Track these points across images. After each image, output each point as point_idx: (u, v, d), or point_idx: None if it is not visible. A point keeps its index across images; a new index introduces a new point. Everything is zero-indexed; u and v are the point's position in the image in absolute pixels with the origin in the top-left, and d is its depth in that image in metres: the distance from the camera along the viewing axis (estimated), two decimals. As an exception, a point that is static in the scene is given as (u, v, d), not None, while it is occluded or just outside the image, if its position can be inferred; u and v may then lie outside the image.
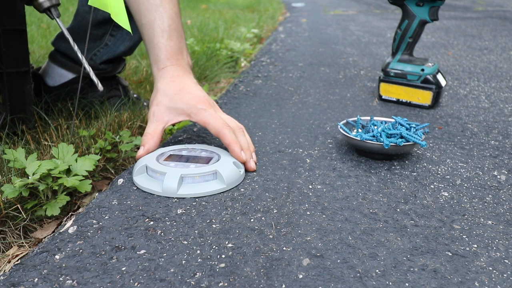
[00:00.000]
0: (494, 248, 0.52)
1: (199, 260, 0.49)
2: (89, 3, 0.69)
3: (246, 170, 0.70)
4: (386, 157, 0.75)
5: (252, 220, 0.57)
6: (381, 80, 1.08)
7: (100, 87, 0.68)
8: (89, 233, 0.53)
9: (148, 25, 0.76)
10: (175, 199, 0.62)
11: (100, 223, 0.55)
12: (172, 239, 0.52)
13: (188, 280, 0.45)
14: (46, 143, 0.78)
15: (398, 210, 0.60)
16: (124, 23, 0.67)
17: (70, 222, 0.56)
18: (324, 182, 0.67)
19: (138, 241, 0.52)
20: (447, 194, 0.64)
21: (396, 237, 0.54)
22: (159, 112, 0.73)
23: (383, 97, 1.09)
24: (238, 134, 0.71)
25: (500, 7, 3.77)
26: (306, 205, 0.60)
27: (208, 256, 0.49)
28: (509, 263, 0.49)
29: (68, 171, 0.64)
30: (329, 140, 0.84)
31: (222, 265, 0.48)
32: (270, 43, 2.07)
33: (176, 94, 0.73)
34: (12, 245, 0.58)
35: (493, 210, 0.60)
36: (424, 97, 1.03)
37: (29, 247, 0.58)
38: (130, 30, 0.68)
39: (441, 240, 0.53)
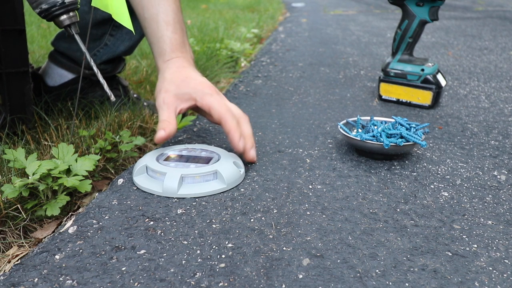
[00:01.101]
0: (494, 248, 0.52)
1: (199, 260, 0.49)
2: (92, 4, 0.69)
3: (247, 161, 0.70)
4: (386, 157, 0.75)
5: (252, 220, 0.57)
6: (381, 80, 1.08)
7: (112, 98, 0.67)
8: (89, 233, 0.53)
9: (151, 18, 0.76)
10: (175, 199, 0.62)
11: (100, 223, 0.55)
12: (172, 239, 0.52)
13: (188, 280, 0.45)
14: (46, 143, 0.78)
15: (398, 210, 0.60)
16: (127, 23, 0.67)
17: (70, 222, 0.56)
18: (324, 182, 0.67)
19: (138, 241, 0.52)
20: (447, 194, 0.64)
21: (396, 237, 0.54)
22: (169, 99, 0.72)
23: (383, 97, 1.09)
24: (243, 122, 0.71)
25: (500, 7, 3.77)
26: (306, 205, 0.60)
27: (208, 256, 0.49)
28: (509, 263, 0.49)
29: (68, 171, 0.64)
30: (329, 140, 0.84)
31: (222, 265, 0.48)
32: (270, 43, 2.07)
33: (183, 81, 0.73)
34: (12, 245, 0.58)
35: (493, 210, 0.60)
36: (424, 97, 1.03)
37: (29, 247, 0.58)
38: (133, 30, 0.68)
39: (441, 240, 0.53)
